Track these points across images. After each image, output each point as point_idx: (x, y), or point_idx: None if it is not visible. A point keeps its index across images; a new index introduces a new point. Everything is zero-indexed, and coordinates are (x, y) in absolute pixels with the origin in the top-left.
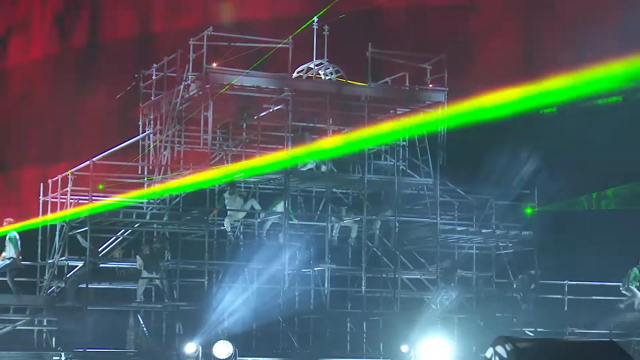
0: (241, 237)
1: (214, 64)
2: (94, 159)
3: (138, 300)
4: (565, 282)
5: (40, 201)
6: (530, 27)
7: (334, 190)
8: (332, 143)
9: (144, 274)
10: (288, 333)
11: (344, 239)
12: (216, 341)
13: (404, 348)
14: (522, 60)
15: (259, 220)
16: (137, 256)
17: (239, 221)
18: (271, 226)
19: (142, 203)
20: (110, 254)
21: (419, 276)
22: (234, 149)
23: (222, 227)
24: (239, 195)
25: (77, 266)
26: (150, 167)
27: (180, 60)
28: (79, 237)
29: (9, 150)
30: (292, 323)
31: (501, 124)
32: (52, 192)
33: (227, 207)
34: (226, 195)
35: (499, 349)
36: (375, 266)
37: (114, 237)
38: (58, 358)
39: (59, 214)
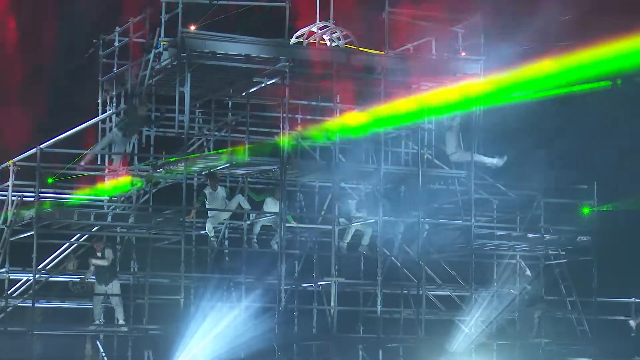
0: (226, 243)
1: (192, 28)
2: (41, 145)
3: (97, 322)
4: (632, 299)
5: None
6: None
7: (343, 184)
8: (339, 125)
9: (99, 288)
10: None
11: (355, 245)
12: None
13: None
14: (575, 24)
15: (248, 222)
16: (92, 260)
17: (223, 223)
18: (263, 230)
19: (102, 201)
20: (62, 264)
21: (448, 292)
22: (216, 133)
23: (203, 232)
24: (223, 191)
25: (21, 280)
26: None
27: (149, 23)
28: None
29: None
30: (290, 351)
31: (550, 100)
32: None
33: (208, 206)
34: (206, 190)
35: None
36: (393, 280)
37: (67, 244)
38: None
39: None
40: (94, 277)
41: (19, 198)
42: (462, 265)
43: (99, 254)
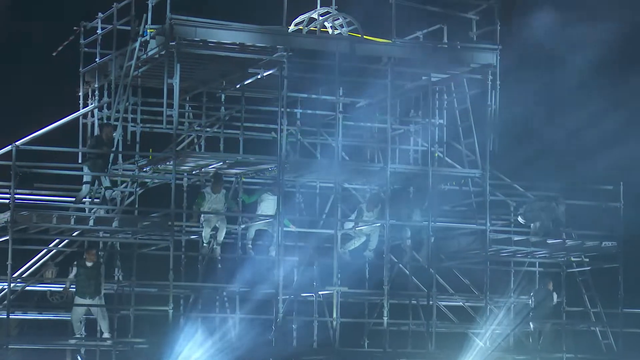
0: (218, 249)
1: (182, 14)
2: (17, 142)
3: (78, 334)
4: None
5: None
6: None
7: (346, 185)
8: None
9: (79, 300)
10: None
11: (360, 251)
12: None
13: None
14: None
15: (242, 226)
16: (74, 268)
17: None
18: (258, 235)
19: (84, 203)
20: (40, 272)
21: (461, 303)
22: (208, 129)
23: (194, 237)
24: (222, 196)
25: None
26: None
27: (135, 9)
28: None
29: None
30: None
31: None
32: None
33: (210, 209)
34: (207, 191)
35: None
36: (402, 289)
37: (45, 250)
38: None
39: None
40: (75, 287)
41: None
42: (476, 273)
43: (89, 264)
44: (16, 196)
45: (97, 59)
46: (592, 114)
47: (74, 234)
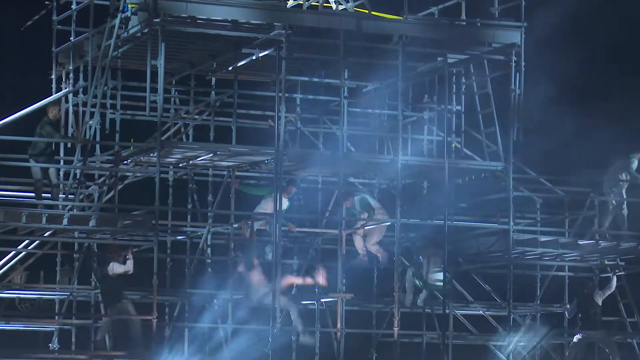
0: (208, 251)
1: None
2: None
3: (51, 347)
4: None
5: None
6: None
7: (351, 179)
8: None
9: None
10: None
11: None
12: None
13: None
14: None
15: (235, 225)
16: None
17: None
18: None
19: (57, 200)
20: (8, 277)
21: (480, 312)
22: (197, 116)
23: (180, 237)
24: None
25: None
26: (69, 145)
27: None
28: None
29: None
30: None
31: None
32: None
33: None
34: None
35: None
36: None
37: (14, 252)
38: None
39: None
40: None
41: None
42: (498, 279)
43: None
44: None
45: (71, 38)
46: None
47: (46, 235)
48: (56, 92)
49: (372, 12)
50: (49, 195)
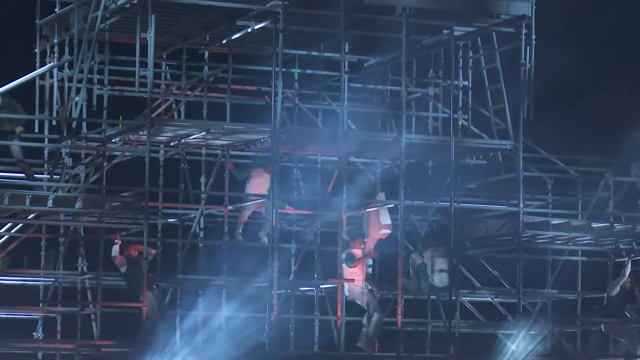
0: (201, 234)
1: None
2: None
3: (36, 336)
4: None
5: None
6: None
7: (352, 159)
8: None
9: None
10: None
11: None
12: None
13: None
14: None
15: (230, 207)
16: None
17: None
18: (250, 218)
19: (42, 180)
20: None
21: (488, 298)
22: (189, 92)
23: (172, 220)
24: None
25: None
26: (54, 123)
27: None
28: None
29: None
30: None
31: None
32: None
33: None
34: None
35: None
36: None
37: None
38: None
39: None
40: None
41: None
42: (507, 264)
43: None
44: None
45: (56, 9)
46: None
47: (29, 217)
48: (40, 67)
49: None
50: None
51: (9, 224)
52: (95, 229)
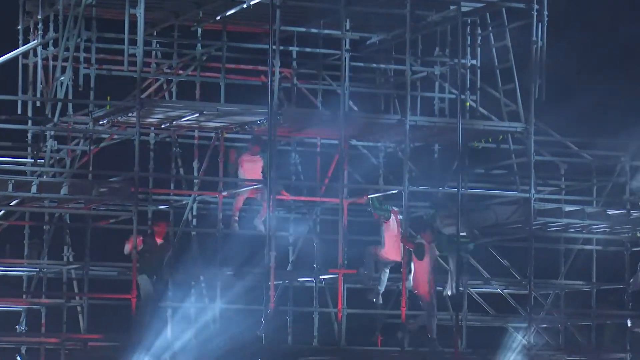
0: (194, 222)
1: None
2: None
3: (19, 329)
4: None
5: None
6: None
7: (354, 142)
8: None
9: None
10: None
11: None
12: None
13: None
14: None
15: (224, 193)
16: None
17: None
18: (245, 204)
19: (26, 164)
20: None
21: (498, 290)
22: (181, 72)
23: (162, 207)
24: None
25: None
26: (38, 104)
27: None
28: None
29: None
30: None
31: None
32: None
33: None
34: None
35: None
36: None
37: None
38: None
39: None
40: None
41: None
42: (518, 253)
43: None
44: None
45: None
46: None
47: (12, 204)
48: (23, 45)
49: None
50: None
51: None
52: (81, 216)
